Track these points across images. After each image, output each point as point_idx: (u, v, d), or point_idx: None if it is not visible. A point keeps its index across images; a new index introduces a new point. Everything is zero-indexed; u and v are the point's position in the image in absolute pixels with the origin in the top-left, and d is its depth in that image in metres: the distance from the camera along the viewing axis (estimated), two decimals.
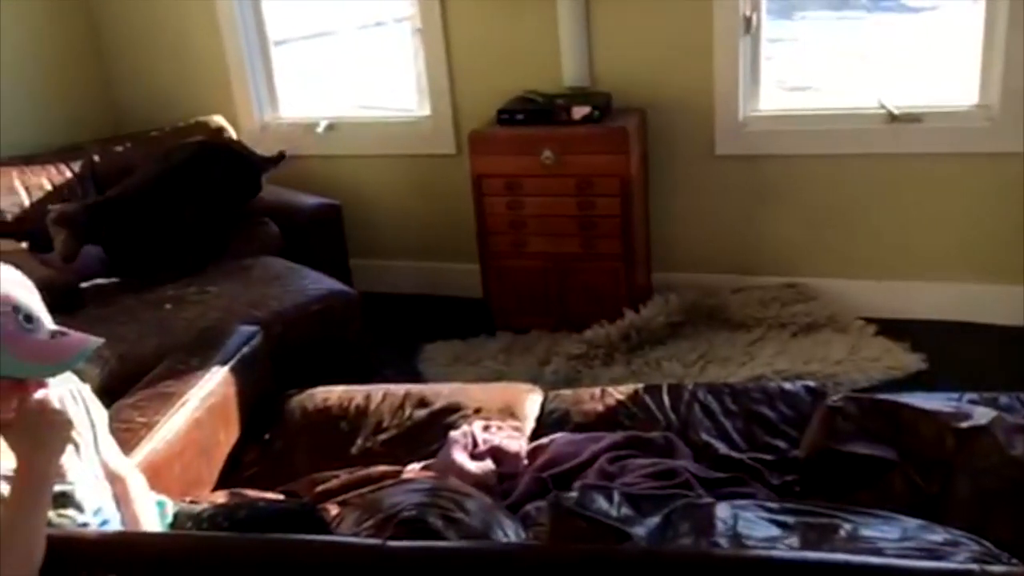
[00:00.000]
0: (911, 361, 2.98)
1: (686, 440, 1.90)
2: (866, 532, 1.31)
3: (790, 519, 1.37)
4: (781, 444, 1.89)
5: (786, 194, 3.38)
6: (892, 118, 3.19)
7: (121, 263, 3.10)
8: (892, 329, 3.15)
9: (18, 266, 1.29)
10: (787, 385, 2.09)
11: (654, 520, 1.36)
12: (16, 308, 1.19)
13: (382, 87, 4.81)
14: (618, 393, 2.09)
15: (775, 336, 3.16)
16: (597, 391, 2.13)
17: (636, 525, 1.37)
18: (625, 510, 1.42)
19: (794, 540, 1.31)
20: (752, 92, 3.37)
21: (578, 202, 3.20)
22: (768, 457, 1.85)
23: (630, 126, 3.17)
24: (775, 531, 1.34)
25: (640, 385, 2.16)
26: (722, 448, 1.86)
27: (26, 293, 1.23)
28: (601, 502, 1.43)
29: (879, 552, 1.24)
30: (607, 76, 3.42)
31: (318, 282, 2.87)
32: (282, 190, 3.59)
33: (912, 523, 1.34)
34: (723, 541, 1.28)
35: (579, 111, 3.20)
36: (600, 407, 2.05)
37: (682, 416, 1.98)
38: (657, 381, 2.49)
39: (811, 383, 2.13)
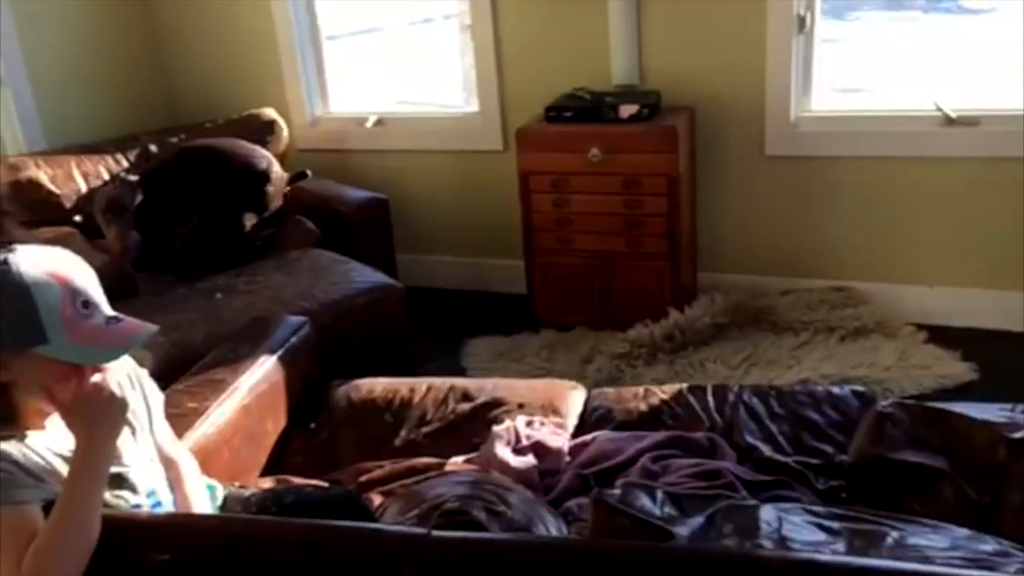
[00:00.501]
0: (962, 370, 2.92)
1: (730, 442, 1.89)
2: (914, 540, 1.29)
3: (836, 524, 1.35)
4: (827, 449, 1.86)
5: (837, 196, 3.34)
6: (948, 121, 3.13)
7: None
8: (943, 337, 3.09)
9: (75, 253, 1.32)
10: (835, 389, 2.06)
11: (697, 520, 1.36)
12: (75, 294, 1.22)
13: (429, 83, 4.84)
14: (662, 392, 2.08)
15: (822, 340, 3.12)
16: (640, 390, 2.12)
17: (679, 524, 1.36)
18: (668, 509, 1.42)
19: (840, 546, 1.29)
20: (804, 92, 3.33)
21: (624, 200, 3.19)
22: (814, 461, 1.83)
23: (679, 125, 3.15)
24: (821, 536, 1.32)
25: (684, 385, 2.14)
26: (767, 451, 1.84)
27: (84, 279, 1.26)
28: (644, 500, 1.43)
29: (927, 561, 1.22)
30: (657, 74, 3.40)
31: (365, 275, 2.90)
32: (331, 183, 3.63)
33: (961, 532, 1.32)
34: (767, 544, 1.27)
35: (627, 109, 3.19)
36: (643, 406, 2.05)
37: (726, 417, 1.96)
38: (700, 382, 2.48)
39: (859, 388, 2.09)
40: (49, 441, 1.26)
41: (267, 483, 1.83)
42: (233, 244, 3.24)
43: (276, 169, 3.41)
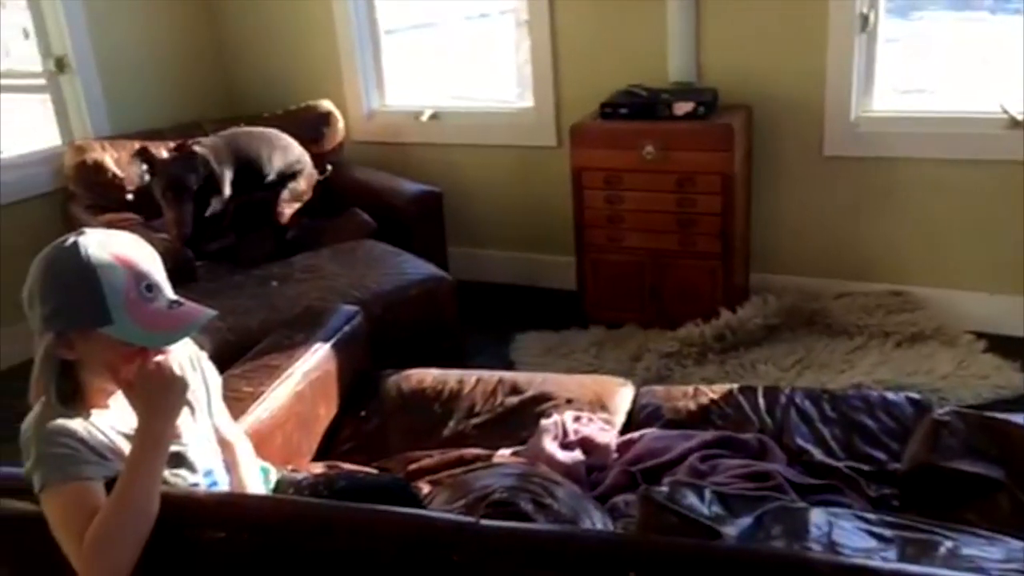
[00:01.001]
0: (1021, 381, 2.84)
1: (780, 444, 1.86)
2: (968, 551, 1.26)
3: (888, 532, 1.33)
4: (880, 455, 1.83)
5: (897, 198, 3.27)
6: (1014, 123, 3.05)
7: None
8: (1003, 346, 3.01)
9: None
10: (889, 395, 2.02)
11: (745, 521, 1.35)
12: (139, 277, 1.26)
13: (484, 79, 4.85)
14: (712, 392, 2.07)
15: (877, 345, 3.06)
16: (690, 389, 2.11)
17: (727, 524, 1.36)
18: (716, 508, 1.41)
19: (891, 553, 1.27)
20: (866, 92, 3.27)
21: (678, 198, 3.17)
22: (866, 468, 1.80)
23: (735, 123, 3.12)
24: (872, 542, 1.30)
25: (735, 385, 2.12)
26: (818, 455, 1.82)
27: (149, 263, 1.29)
28: (692, 499, 1.42)
29: (981, 572, 1.20)
30: (714, 72, 3.37)
31: (417, 267, 2.93)
32: (385, 176, 3.68)
33: (1017, 545, 1.29)
34: (817, 547, 1.26)
35: (683, 107, 3.16)
36: (692, 405, 2.03)
37: (777, 419, 1.94)
38: (751, 383, 2.45)
39: (915, 395, 2.05)
40: (112, 420, 1.29)
41: (318, 468, 1.86)
42: (272, 235, 3.31)
43: (307, 161, 3.44)
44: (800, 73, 3.26)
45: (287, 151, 3.39)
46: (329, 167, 3.55)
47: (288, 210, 3.34)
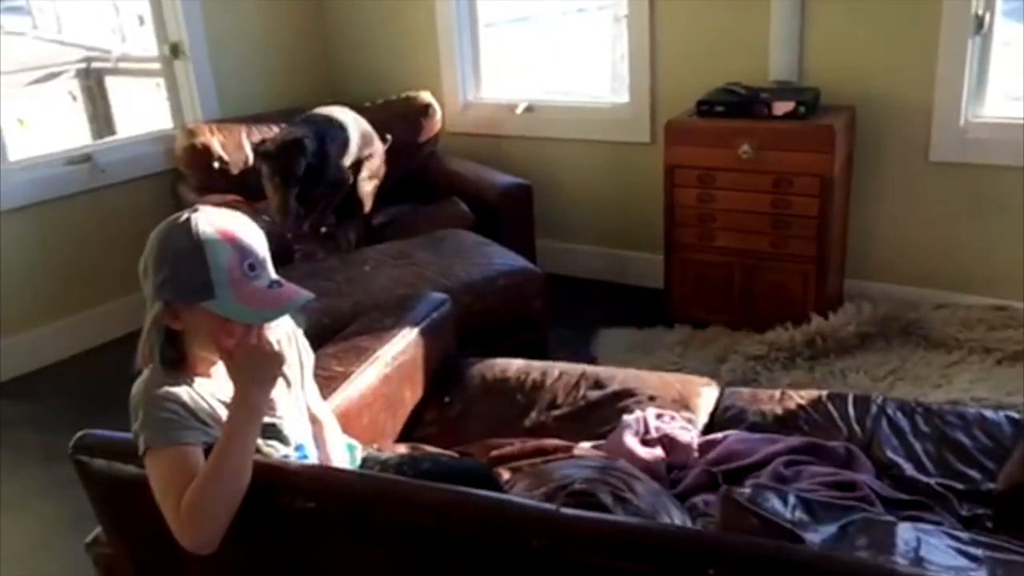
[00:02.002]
0: None
1: (869, 455, 1.82)
2: None
3: (979, 551, 1.29)
4: (975, 474, 1.77)
5: (1006, 208, 3.13)
6: None
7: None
8: None
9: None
10: (988, 413, 1.94)
11: (829, 529, 1.33)
12: (243, 256, 1.31)
13: (579, 73, 4.85)
14: (799, 397, 2.03)
15: (977, 361, 2.94)
16: (777, 393, 2.08)
17: (810, 531, 1.34)
18: (799, 514, 1.39)
19: (981, 574, 1.24)
20: (977, 97, 3.14)
21: (773, 199, 3.11)
22: (959, 486, 1.74)
23: (837, 124, 3.04)
24: (962, 561, 1.27)
25: (824, 392, 2.08)
26: (908, 469, 1.77)
27: (254, 243, 1.34)
28: (775, 502, 1.41)
29: None
30: (817, 71, 3.29)
31: (505, 258, 2.96)
32: (477, 167, 3.72)
33: None
34: (902, 562, 1.23)
35: (783, 106, 3.10)
36: (779, 409, 2.00)
37: (867, 430, 1.89)
38: (840, 392, 2.39)
39: (1015, 414, 1.97)
40: (214, 388, 1.35)
41: (401, 449, 1.90)
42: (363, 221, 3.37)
43: (375, 135, 3.44)
44: (908, 75, 3.16)
45: (359, 127, 3.39)
46: (389, 136, 3.51)
47: (369, 187, 3.37)
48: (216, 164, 3.46)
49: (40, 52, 6.68)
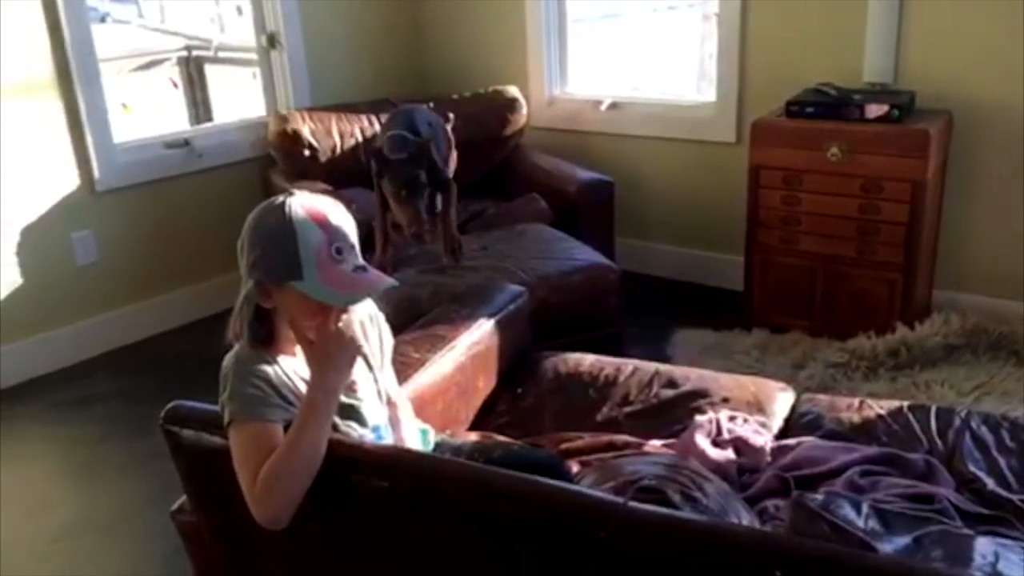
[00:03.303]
0: None
1: (950, 469, 1.77)
2: None
3: None
4: None
5: None
6: None
7: None
8: None
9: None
10: None
11: (903, 540, 1.30)
12: (332, 240, 1.35)
13: (665, 71, 4.81)
14: (879, 407, 1.99)
15: None
16: (855, 401, 2.04)
17: (883, 541, 1.32)
18: (873, 524, 1.37)
19: None
20: None
21: (861, 204, 3.04)
22: None
23: (932, 129, 2.95)
24: None
25: (905, 402, 2.03)
26: (990, 484, 1.71)
27: (344, 228, 1.38)
28: (848, 510, 1.39)
29: None
30: (913, 73, 3.20)
31: (583, 254, 2.96)
32: (560, 162, 3.73)
33: None
34: None
35: (876, 109, 3.02)
36: (856, 418, 1.96)
37: (949, 443, 1.84)
38: (922, 403, 2.32)
39: None
40: (298, 366, 1.40)
41: (473, 436, 1.94)
42: None
43: (442, 122, 3.34)
44: (1012, 80, 3.04)
45: (428, 115, 3.28)
46: (451, 115, 3.40)
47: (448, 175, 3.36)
48: (306, 151, 3.55)
49: (144, 40, 6.97)
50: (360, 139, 3.67)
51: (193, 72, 6.16)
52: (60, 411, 3.13)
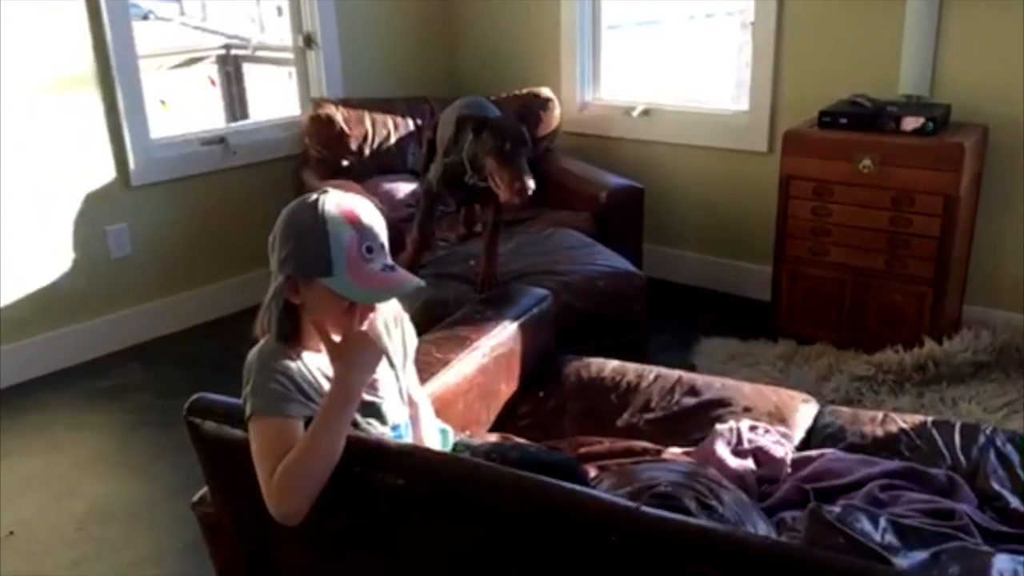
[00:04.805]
0: None
1: (972, 486, 1.75)
2: None
3: None
4: None
5: None
6: None
7: None
8: None
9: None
10: None
11: (919, 555, 1.29)
12: (362, 239, 1.37)
13: (700, 79, 4.79)
14: (902, 421, 1.97)
15: None
16: (879, 415, 2.02)
17: (899, 555, 1.31)
18: (890, 538, 1.36)
19: None
20: None
21: (892, 217, 3.01)
22: None
23: (967, 142, 2.91)
24: None
25: (930, 417, 2.00)
26: (1014, 502, 1.69)
27: (374, 227, 1.39)
28: (865, 523, 1.38)
29: None
30: (949, 86, 3.16)
31: (608, 260, 2.96)
32: (590, 167, 3.73)
33: None
34: None
35: (911, 121, 2.99)
36: (879, 431, 1.94)
37: (972, 459, 1.82)
38: (947, 419, 2.30)
39: None
40: (321, 362, 1.42)
41: (493, 438, 1.95)
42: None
43: None
44: None
45: (495, 109, 3.15)
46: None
47: None
48: (338, 137, 3.57)
49: (185, 38, 7.08)
50: (392, 131, 3.73)
51: (231, 70, 6.25)
52: (92, 401, 3.19)
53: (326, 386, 1.39)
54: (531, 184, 2.48)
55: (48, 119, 3.24)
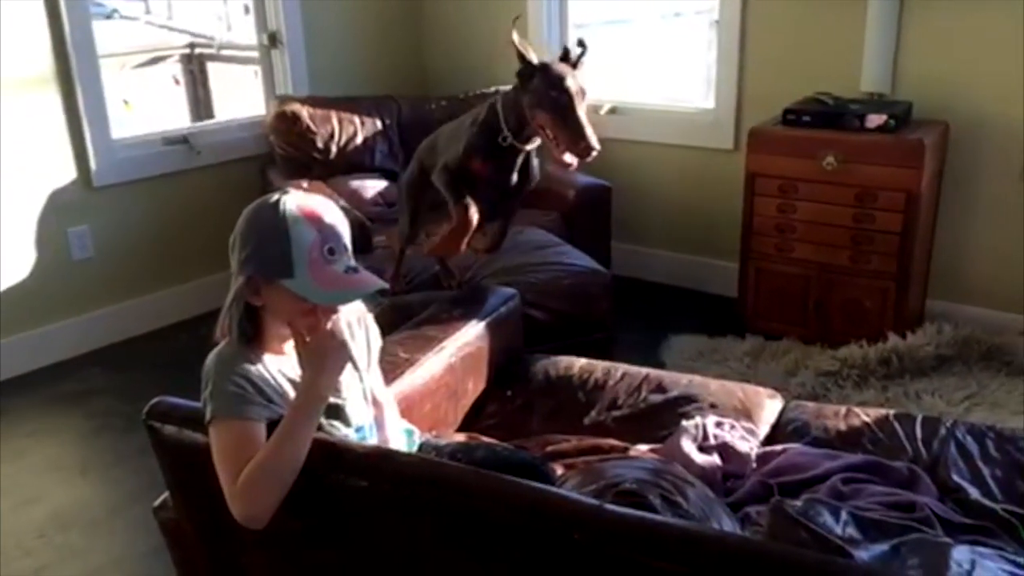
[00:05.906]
0: None
1: (933, 478, 1.77)
2: None
3: None
4: None
5: None
6: None
7: None
8: None
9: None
10: None
11: (880, 547, 1.31)
12: (324, 240, 1.35)
13: (669, 78, 4.81)
14: (865, 415, 1.99)
15: None
16: (842, 409, 2.04)
17: (860, 548, 1.32)
18: (851, 531, 1.37)
19: None
20: None
21: (855, 213, 3.05)
22: None
23: (928, 140, 2.96)
24: None
25: (891, 410, 2.03)
26: (974, 493, 1.71)
27: (336, 228, 1.37)
28: (827, 517, 1.39)
29: None
30: (910, 84, 3.21)
31: (575, 259, 2.97)
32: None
33: None
34: None
35: (873, 119, 3.03)
36: (843, 425, 1.96)
37: (933, 451, 1.84)
38: (908, 412, 2.33)
39: None
40: (283, 365, 1.40)
41: (460, 437, 1.94)
42: None
43: None
44: (1008, 90, 3.05)
45: None
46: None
47: None
48: (305, 133, 3.55)
49: (149, 36, 6.98)
50: (359, 129, 3.73)
51: (196, 69, 6.18)
52: (55, 406, 3.14)
53: (288, 388, 1.38)
54: (596, 143, 2.13)
55: (7, 120, 3.18)
